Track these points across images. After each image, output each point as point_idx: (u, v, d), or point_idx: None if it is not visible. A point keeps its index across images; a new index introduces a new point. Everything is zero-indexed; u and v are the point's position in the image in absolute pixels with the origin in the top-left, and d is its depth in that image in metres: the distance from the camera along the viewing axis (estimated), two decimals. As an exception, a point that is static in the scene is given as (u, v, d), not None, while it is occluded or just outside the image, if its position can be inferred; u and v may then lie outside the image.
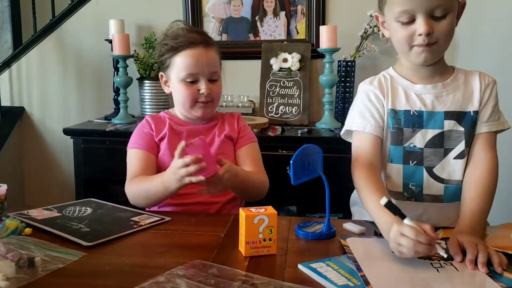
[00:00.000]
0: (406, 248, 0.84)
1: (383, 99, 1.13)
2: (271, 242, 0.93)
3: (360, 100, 1.16)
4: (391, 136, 1.13)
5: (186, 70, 1.27)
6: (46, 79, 2.59)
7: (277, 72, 2.26)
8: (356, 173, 1.08)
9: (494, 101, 1.12)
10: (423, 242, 0.83)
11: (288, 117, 2.24)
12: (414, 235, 0.83)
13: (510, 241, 0.97)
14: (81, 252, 0.92)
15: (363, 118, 1.13)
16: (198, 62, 1.26)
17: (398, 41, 1.08)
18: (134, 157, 1.32)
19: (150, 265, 0.88)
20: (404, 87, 1.13)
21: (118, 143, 2.03)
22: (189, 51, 1.27)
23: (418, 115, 1.11)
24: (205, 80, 1.28)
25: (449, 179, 1.12)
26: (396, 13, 1.03)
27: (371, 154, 1.11)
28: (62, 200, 1.29)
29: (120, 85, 2.23)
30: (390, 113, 1.12)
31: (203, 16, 2.41)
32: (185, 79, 1.28)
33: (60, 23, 2.52)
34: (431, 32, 1.02)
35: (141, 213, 1.17)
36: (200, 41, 1.28)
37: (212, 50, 1.30)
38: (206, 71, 1.27)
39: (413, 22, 1.03)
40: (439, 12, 1.01)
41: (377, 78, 1.17)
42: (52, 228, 1.04)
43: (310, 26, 2.32)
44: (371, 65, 2.29)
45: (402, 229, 0.85)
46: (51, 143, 2.62)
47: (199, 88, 1.28)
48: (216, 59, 1.31)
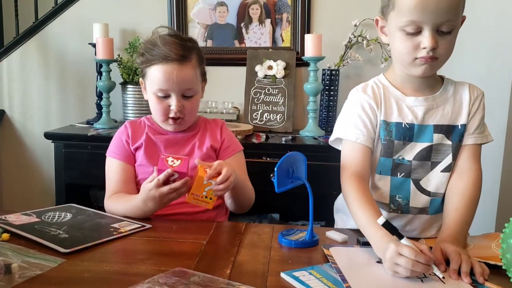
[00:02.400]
0: (404, 268, 0.83)
1: (376, 110, 1.11)
2: (210, 201, 1.11)
3: (353, 109, 1.13)
4: (383, 147, 1.12)
5: (157, 85, 1.24)
6: (28, 82, 2.55)
7: (262, 79, 2.26)
8: (347, 184, 1.06)
9: (481, 113, 1.12)
10: (421, 263, 0.82)
11: (272, 125, 2.24)
12: (413, 256, 0.82)
13: (491, 251, 0.98)
14: (60, 259, 0.90)
15: (356, 128, 1.11)
16: (169, 79, 1.23)
17: (400, 51, 1.05)
18: (113, 170, 1.31)
19: (131, 272, 0.87)
20: (396, 99, 1.12)
21: (100, 148, 1.99)
22: (161, 66, 1.23)
23: (409, 128, 1.10)
24: (177, 96, 1.25)
25: (436, 191, 1.12)
26: (403, 22, 1.00)
27: (362, 165, 1.09)
28: (42, 205, 1.27)
29: (103, 89, 2.20)
30: (382, 124, 1.11)
31: (188, 21, 2.40)
32: (156, 93, 1.26)
33: (43, 26, 2.49)
34: (436, 47, 1.00)
35: (122, 219, 1.15)
36: (174, 58, 1.22)
37: (188, 66, 1.25)
38: (176, 88, 1.24)
39: (418, 34, 1.00)
40: (446, 27, 0.99)
41: (370, 86, 1.15)
42: (30, 234, 1.02)
43: (295, 34, 2.33)
44: (355, 74, 2.31)
45: (400, 249, 0.84)
46: (31, 147, 2.58)
47: (170, 104, 1.26)
48: (191, 75, 1.26)
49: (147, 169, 1.27)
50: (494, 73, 1.78)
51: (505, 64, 1.71)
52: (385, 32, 1.11)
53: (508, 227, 0.84)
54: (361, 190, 1.03)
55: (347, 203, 1.07)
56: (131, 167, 1.31)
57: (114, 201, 1.24)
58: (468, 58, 1.09)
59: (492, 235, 1.09)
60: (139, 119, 1.39)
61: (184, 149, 1.32)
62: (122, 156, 1.30)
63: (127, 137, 1.32)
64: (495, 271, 0.88)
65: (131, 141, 1.31)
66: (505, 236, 0.83)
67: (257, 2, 2.34)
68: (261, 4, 2.34)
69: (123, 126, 1.36)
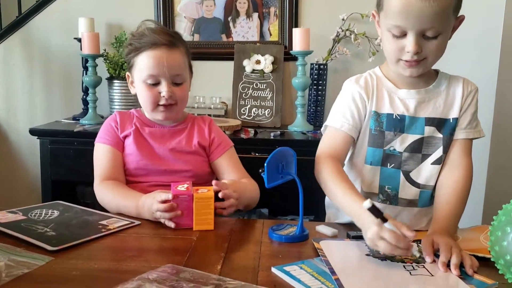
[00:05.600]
0: (383, 250, 0.86)
1: (366, 101, 1.13)
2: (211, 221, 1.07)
3: (343, 98, 1.15)
4: (372, 138, 1.13)
5: (147, 71, 1.24)
6: (12, 77, 2.51)
7: (250, 74, 2.25)
8: (322, 163, 1.08)
9: (474, 108, 1.13)
10: (401, 247, 0.85)
11: (260, 120, 2.23)
12: (394, 241, 0.84)
13: (479, 243, 0.99)
14: (47, 257, 0.89)
15: (343, 117, 1.13)
16: (159, 63, 1.23)
17: (388, 50, 1.07)
18: (102, 154, 1.29)
19: (120, 269, 0.86)
20: (389, 91, 1.13)
21: (87, 144, 1.97)
22: (151, 52, 1.23)
23: (400, 119, 1.11)
24: (167, 82, 1.25)
25: (425, 184, 1.13)
26: (389, 25, 1.02)
27: (341, 150, 1.12)
28: (27, 203, 1.25)
29: (89, 84, 2.18)
30: (373, 115, 1.12)
31: (174, 15, 2.38)
32: (146, 80, 1.25)
33: (27, 20, 2.45)
34: (420, 51, 1.01)
35: (110, 216, 1.14)
36: (163, 43, 1.23)
37: (177, 52, 1.26)
38: (167, 73, 1.23)
39: (404, 37, 1.01)
40: (431, 33, 0.99)
41: (363, 77, 1.16)
42: (17, 232, 1.00)
43: (283, 28, 2.33)
44: (343, 69, 2.32)
45: (382, 232, 0.86)
46: (16, 143, 2.54)
47: (160, 91, 1.25)
48: (180, 61, 1.27)
49: (135, 158, 1.27)
50: (480, 69, 1.80)
51: (491, 60, 1.73)
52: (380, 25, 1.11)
53: (496, 219, 0.84)
54: (336, 169, 1.06)
55: (321, 180, 1.09)
56: (120, 154, 1.29)
57: (109, 189, 1.22)
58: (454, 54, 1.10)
59: (480, 228, 1.10)
60: (128, 111, 1.38)
61: (171, 141, 1.30)
62: (111, 141, 1.29)
63: (116, 124, 1.31)
64: (483, 263, 0.89)
65: (119, 128, 1.30)
66: (493, 228, 0.84)
67: (245, -4, 2.33)
68: (249, -2, 2.33)
69: (112, 115, 1.35)
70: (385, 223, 0.88)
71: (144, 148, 1.29)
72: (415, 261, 0.90)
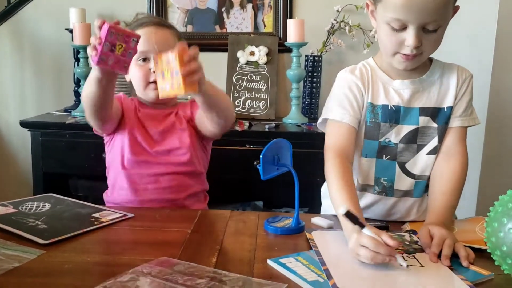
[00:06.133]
0: (364, 259, 0.83)
1: (363, 91, 1.11)
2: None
3: (340, 89, 1.12)
4: (367, 130, 1.12)
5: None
6: (1, 69, 2.47)
7: (244, 66, 2.23)
8: (330, 163, 1.05)
9: (469, 96, 1.12)
10: (382, 253, 0.82)
11: (255, 112, 2.22)
12: (373, 247, 0.82)
13: (475, 235, 0.99)
14: (39, 250, 0.88)
15: (342, 108, 1.10)
16: (148, 40, 1.25)
17: (384, 43, 1.04)
18: None
19: (113, 263, 0.85)
20: (383, 82, 1.11)
21: (79, 136, 1.96)
22: (140, 30, 1.26)
23: (396, 110, 1.10)
24: None
25: (421, 174, 1.12)
26: (388, 18, 0.99)
27: (347, 144, 1.08)
28: (19, 196, 1.23)
29: (80, 76, 2.15)
30: (369, 107, 1.10)
31: (167, 6, 2.35)
32: (136, 58, 1.25)
33: (16, 10, 2.40)
34: (420, 45, 0.99)
35: (103, 209, 1.13)
36: (151, 21, 1.29)
37: (166, 30, 1.30)
38: (157, 48, 1.25)
39: (403, 30, 0.99)
40: (431, 26, 0.97)
41: (358, 68, 1.14)
42: (7, 225, 0.99)
43: (277, 20, 2.30)
44: (338, 60, 2.30)
45: (361, 240, 0.84)
46: (6, 135, 2.51)
47: (150, 67, 1.26)
48: (169, 38, 1.29)
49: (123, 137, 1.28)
50: (475, 57, 1.80)
51: (485, 48, 1.72)
52: (374, 16, 1.08)
53: (493, 210, 0.84)
54: (342, 171, 1.03)
55: (327, 180, 1.06)
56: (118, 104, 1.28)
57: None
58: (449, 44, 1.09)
59: (476, 219, 1.09)
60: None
61: (163, 123, 1.30)
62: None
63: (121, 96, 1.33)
64: (479, 255, 0.89)
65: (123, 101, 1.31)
66: (490, 219, 0.83)
67: (238, -13, 2.30)
68: (243, -12, 2.30)
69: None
70: (363, 229, 0.86)
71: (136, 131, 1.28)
72: (406, 251, 0.90)
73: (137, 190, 1.26)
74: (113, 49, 0.98)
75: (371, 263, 0.83)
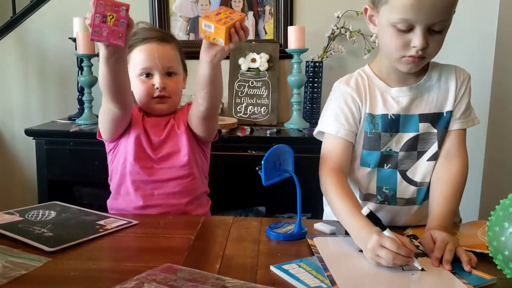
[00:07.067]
0: (385, 260, 0.84)
1: (360, 104, 1.09)
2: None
3: (336, 101, 1.11)
4: (368, 141, 1.10)
5: (140, 65, 1.28)
6: (6, 78, 2.49)
7: (246, 72, 2.25)
8: (325, 177, 1.06)
9: (468, 97, 1.10)
10: (403, 255, 0.83)
11: (256, 117, 2.23)
12: (395, 248, 0.83)
13: (477, 239, 0.99)
14: (45, 258, 0.89)
15: (337, 121, 1.09)
16: (151, 56, 1.27)
17: (388, 46, 1.02)
18: None
19: (118, 269, 0.86)
20: (381, 90, 1.10)
21: (83, 144, 1.98)
22: (143, 46, 1.28)
23: (395, 119, 1.08)
24: (160, 74, 1.28)
25: (422, 181, 1.11)
26: (395, 19, 0.97)
27: (342, 158, 1.08)
28: (24, 204, 1.24)
29: (84, 84, 2.17)
30: (367, 117, 1.09)
31: (170, 15, 2.37)
32: (140, 74, 1.28)
33: (21, 20, 2.43)
34: (426, 47, 0.97)
35: (108, 216, 1.14)
36: (154, 36, 1.29)
37: (168, 46, 1.31)
38: (159, 65, 1.27)
39: (409, 32, 0.97)
40: (438, 27, 0.97)
41: (354, 78, 1.13)
42: (14, 233, 1.00)
43: (278, 27, 2.32)
44: (338, 66, 2.31)
45: (382, 241, 0.84)
46: (12, 144, 2.52)
47: (154, 83, 1.28)
48: (171, 54, 1.31)
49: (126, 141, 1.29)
50: (476, 57, 1.80)
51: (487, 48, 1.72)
52: (373, 22, 1.07)
53: (494, 214, 0.84)
54: (340, 184, 1.03)
55: (325, 195, 1.07)
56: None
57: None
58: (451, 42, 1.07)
59: (478, 223, 1.10)
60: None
61: (165, 130, 1.31)
62: None
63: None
64: (481, 259, 0.89)
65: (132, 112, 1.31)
66: (491, 224, 0.84)
67: (240, -6, 2.32)
68: (244, -4, 2.32)
69: None
70: (384, 231, 0.87)
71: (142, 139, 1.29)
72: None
73: (144, 196, 1.26)
74: (105, 20, 1.02)
75: (389, 264, 0.84)
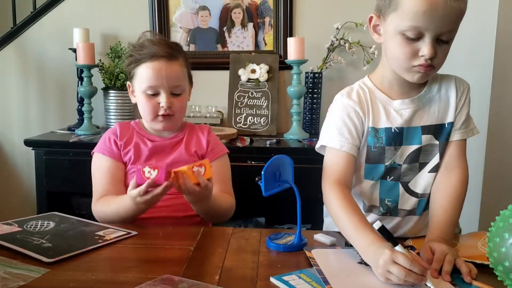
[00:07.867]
0: (396, 277, 0.80)
1: (363, 117, 1.08)
2: None
3: (338, 115, 1.10)
4: (372, 155, 1.09)
5: (146, 82, 1.26)
6: (6, 88, 2.50)
7: (245, 83, 2.26)
8: (329, 191, 1.04)
9: (467, 108, 1.10)
10: (416, 272, 0.80)
11: (256, 128, 2.23)
12: (408, 265, 0.80)
13: (477, 250, 0.99)
14: (44, 269, 0.88)
15: (341, 135, 1.07)
16: (158, 75, 1.25)
17: (396, 55, 1.00)
18: (100, 168, 1.29)
19: (117, 281, 0.85)
20: (383, 103, 1.09)
21: (82, 155, 1.97)
22: (151, 63, 1.26)
23: (399, 132, 1.08)
24: (166, 93, 1.27)
25: (424, 193, 1.11)
26: (405, 26, 0.95)
27: (346, 172, 1.06)
28: (23, 214, 1.24)
29: (84, 95, 2.17)
30: (371, 131, 1.08)
31: (170, 26, 2.38)
32: (146, 91, 1.27)
33: (22, 31, 2.44)
34: (435, 56, 0.96)
35: (107, 227, 1.13)
36: (162, 54, 1.26)
37: (176, 64, 1.28)
38: (166, 84, 1.26)
39: (418, 40, 0.96)
40: (445, 37, 0.96)
41: (355, 90, 1.11)
42: (12, 244, 0.99)
43: (277, 38, 2.34)
44: (338, 77, 2.33)
45: (395, 257, 0.81)
46: (11, 154, 2.52)
47: (160, 102, 1.27)
48: (179, 72, 1.29)
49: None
50: (475, 64, 1.80)
51: (485, 56, 1.72)
52: (378, 31, 1.05)
53: (494, 225, 0.84)
54: (345, 197, 1.01)
55: (329, 209, 1.04)
56: (119, 165, 1.30)
57: (104, 204, 1.22)
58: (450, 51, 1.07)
59: (478, 234, 1.10)
60: (128, 122, 1.39)
61: (170, 155, 1.31)
62: (109, 152, 1.30)
63: (115, 136, 1.32)
64: (482, 270, 0.89)
65: (119, 139, 1.31)
66: (491, 234, 0.84)
67: (240, 6, 2.34)
68: (244, 8, 2.34)
69: (112, 127, 1.36)
70: (396, 246, 0.85)
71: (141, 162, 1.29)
72: None
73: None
74: None
75: (400, 282, 0.80)
